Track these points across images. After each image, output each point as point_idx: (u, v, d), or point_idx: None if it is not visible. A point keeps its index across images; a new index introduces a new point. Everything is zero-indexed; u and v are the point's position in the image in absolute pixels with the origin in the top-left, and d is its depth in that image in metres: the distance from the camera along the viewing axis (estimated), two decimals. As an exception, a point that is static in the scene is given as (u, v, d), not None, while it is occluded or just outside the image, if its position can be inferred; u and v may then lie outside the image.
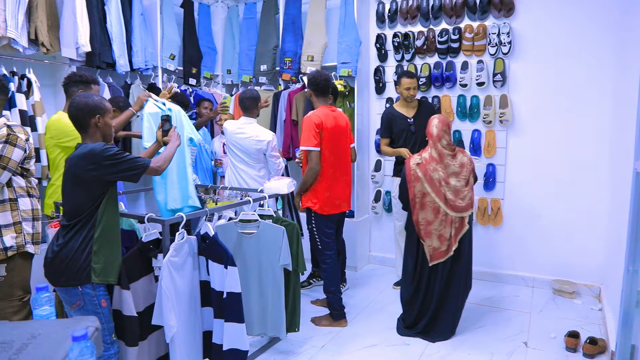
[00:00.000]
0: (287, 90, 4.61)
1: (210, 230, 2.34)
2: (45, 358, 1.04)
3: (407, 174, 3.02)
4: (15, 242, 2.30)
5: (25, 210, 2.35)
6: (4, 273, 2.27)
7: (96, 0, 3.75)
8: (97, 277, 2.03)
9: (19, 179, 2.35)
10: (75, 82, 2.77)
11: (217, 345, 2.39)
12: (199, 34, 4.85)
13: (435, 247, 3.01)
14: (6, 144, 2.20)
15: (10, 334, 1.14)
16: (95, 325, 1.20)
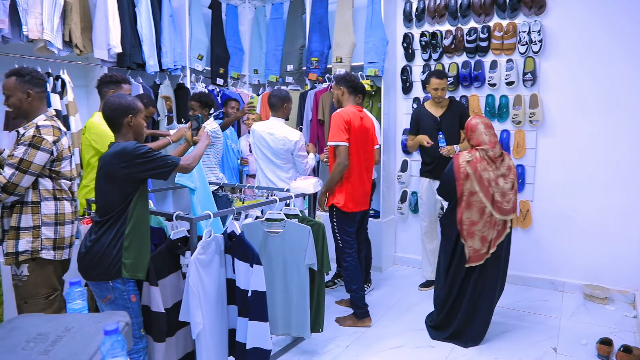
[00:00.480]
0: (314, 90, 4.62)
1: (236, 229, 2.36)
2: (78, 350, 1.07)
3: (456, 171, 2.90)
4: (30, 247, 2.25)
5: (47, 215, 2.29)
6: (26, 273, 2.25)
7: (127, 2, 3.84)
8: (127, 272, 2.08)
9: (47, 181, 2.29)
10: (106, 83, 2.82)
11: (241, 344, 2.40)
12: (226, 34, 4.91)
13: (476, 248, 2.91)
14: (29, 147, 2.15)
15: (45, 327, 1.17)
16: (125, 320, 1.22)
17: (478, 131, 2.95)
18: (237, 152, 4.44)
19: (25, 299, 2.28)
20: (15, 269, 2.26)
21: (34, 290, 2.27)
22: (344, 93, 3.32)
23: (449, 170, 2.96)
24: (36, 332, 1.15)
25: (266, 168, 3.49)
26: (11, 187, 2.12)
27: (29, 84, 2.27)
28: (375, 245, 4.20)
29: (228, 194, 3.31)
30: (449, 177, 2.95)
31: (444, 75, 3.73)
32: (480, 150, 2.92)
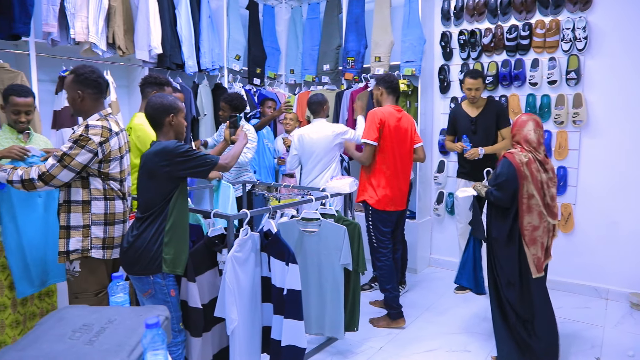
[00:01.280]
0: (350, 89, 4.61)
1: (272, 228, 2.38)
2: (120, 342, 1.10)
3: (518, 169, 2.60)
4: (80, 246, 2.27)
5: (97, 214, 2.28)
6: (78, 269, 2.30)
7: (167, 4, 3.93)
8: (167, 267, 2.12)
9: (97, 181, 2.28)
10: (150, 84, 2.87)
11: (276, 341, 2.42)
12: (263, 34, 4.96)
13: (539, 256, 2.65)
14: (74, 145, 2.16)
15: (90, 318, 1.21)
16: (165, 315, 1.25)
17: (527, 127, 2.69)
18: (274, 152, 4.47)
19: (76, 293, 2.34)
20: (68, 264, 2.32)
21: (84, 286, 2.33)
22: (383, 93, 3.35)
23: (508, 171, 2.62)
24: (81, 323, 1.18)
25: (312, 169, 3.54)
26: (48, 178, 2.14)
27: (81, 85, 2.29)
28: (411, 247, 4.16)
29: (264, 193, 3.34)
30: (511, 178, 2.61)
31: (478, 75, 3.66)
32: (530, 151, 2.67)
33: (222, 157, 2.26)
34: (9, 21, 3.02)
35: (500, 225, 2.72)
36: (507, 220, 2.68)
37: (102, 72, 2.38)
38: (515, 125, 2.77)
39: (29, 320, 2.71)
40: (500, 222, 2.72)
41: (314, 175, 3.54)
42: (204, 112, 4.26)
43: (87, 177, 2.26)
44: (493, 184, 2.70)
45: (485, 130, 3.71)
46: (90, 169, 2.24)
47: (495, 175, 2.69)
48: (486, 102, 3.76)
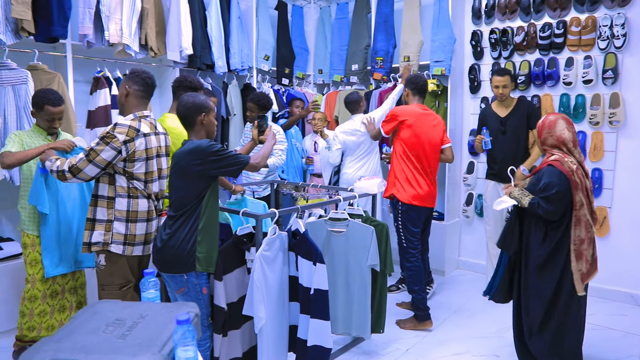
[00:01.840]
0: (379, 89, 4.58)
1: (300, 227, 2.38)
2: (152, 337, 1.12)
3: (571, 179, 2.34)
4: (102, 239, 2.33)
5: (120, 211, 2.34)
6: (103, 262, 2.37)
7: (198, 6, 4.00)
8: (201, 266, 2.15)
9: (122, 179, 2.33)
10: (185, 87, 2.89)
11: (302, 341, 2.42)
12: (292, 35, 4.98)
13: (584, 272, 2.43)
14: (100, 141, 2.23)
15: (123, 313, 1.24)
16: (195, 311, 1.27)
17: (559, 127, 2.46)
18: (302, 151, 4.49)
19: (103, 286, 2.42)
20: (96, 257, 2.40)
21: (109, 280, 2.40)
22: (409, 94, 3.41)
23: (559, 181, 2.34)
24: (115, 317, 1.21)
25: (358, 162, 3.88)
26: (75, 170, 2.22)
27: (131, 81, 2.38)
28: (439, 248, 4.11)
29: (292, 192, 3.36)
30: (563, 189, 2.34)
31: (505, 72, 3.58)
32: (570, 152, 2.46)
33: (253, 157, 2.28)
34: (48, 24, 3.13)
35: (541, 242, 2.43)
36: (556, 236, 2.41)
37: (154, 77, 2.48)
38: (543, 127, 2.51)
39: (57, 312, 2.82)
40: (543, 238, 2.43)
41: (357, 168, 3.85)
42: (234, 112, 4.30)
43: (113, 174, 2.32)
44: (542, 195, 2.37)
45: (515, 130, 3.63)
46: (116, 166, 2.30)
47: (544, 186, 2.36)
48: (516, 102, 3.68)
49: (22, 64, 3.13)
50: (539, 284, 2.46)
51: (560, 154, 2.44)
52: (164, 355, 1.07)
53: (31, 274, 2.72)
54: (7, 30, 2.99)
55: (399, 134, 3.30)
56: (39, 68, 3.20)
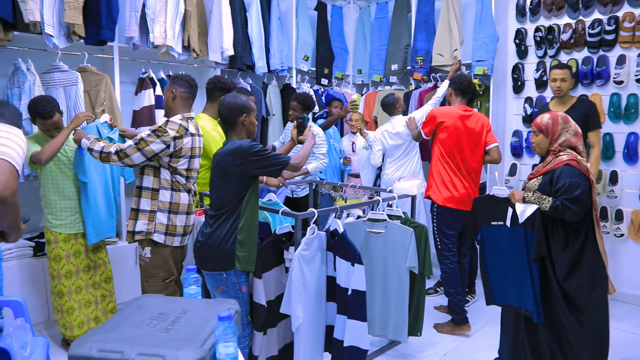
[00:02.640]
0: (419, 89, 4.52)
1: (339, 227, 2.38)
2: (194, 332, 1.14)
3: (589, 176, 2.24)
4: (145, 229, 2.43)
5: (163, 202, 2.44)
6: (149, 255, 2.47)
7: (239, 7, 4.06)
8: (240, 265, 2.18)
9: (166, 172, 2.43)
10: (219, 89, 2.96)
11: (338, 341, 2.42)
12: (331, 35, 4.99)
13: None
14: (152, 133, 2.34)
15: (166, 307, 1.27)
16: (236, 308, 1.28)
17: (572, 120, 2.31)
18: (339, 152, 4.48)
19: (147, 278, 2.53)
20: (140, 250, 2.51)
21: (153, 272, 2.50)
22: (452, 94, 3.32)
23: (583, 181, 2.20)
24: (158, 312, 1.24)
25: (398, 162, 3.89)
26: (122, 155, 2.33)
27: (176, 85, 2.50)
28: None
29: (331, 193, 3.36)
30: (587, 189, 2.20)
31: (564, 65, 3.42)
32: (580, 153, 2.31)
33: (293, 157, 2.29)
34: (97, 28, 3.25)
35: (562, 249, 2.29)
36: (577, 240, 2.28)
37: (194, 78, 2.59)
38: (555, 123, 2.31)
39: (84, 307, 2.93)
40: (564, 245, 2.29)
41: (396, 168, 3.88)
42: (273, 112, 4.35)
43: (158, 167, 2.43)
44: (566, 197, 2.19)
45: None
46: (161, 160, 2.41)
47: (564, 187, 2.20)
48: (576, 101, 3.48)
49: (72, 66, 3.27)
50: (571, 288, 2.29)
51: (572, 154, 2.27)
52: (206, 350, 1.08)
53: (56, 269, 2.84)
54: (60, 34, 3.12)
55: (437, 135, 3.25)
56: (88, 70, 3.33)
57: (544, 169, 2.35)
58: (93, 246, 2.95)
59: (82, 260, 2.90)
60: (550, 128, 2.32)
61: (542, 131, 2.35)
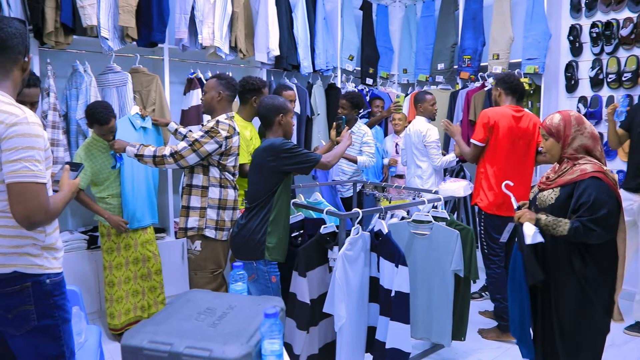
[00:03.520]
0: (465, 89, 4.42)
1: (383, 228, 2.36)
2: (240, 328, 1.16)
3: (617, 191, 1.93)
4: (197, 225, 2.55)
5: (213, 199, 2.56)
6: (199, 248, 2.60)
7: (285, 8, 4.10)
8: (270, 255, 2.28)
9: (215, 170, 2.55)
10: (249, 90, 2.97)
11: (380, 342, 2.40)
12: (376, 34, 4.96)
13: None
14: (205, 134, 2.46)
15: (213, 302, 1.30)
16: (281, 306, 1.30)
17: (586, 121, 2.03)
18: (383, 152, 4.45)
19: (195, 271, 2.64)
20: (190, 244, 2.62)
21: (203, 264, 2.61)
22: (501, 94, 3.17)
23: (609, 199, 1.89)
24: (206, 306, 1.27)
25: (411, 164, 3.75)
26: (178, 157, 2.44)
27: (222, 86, 2.60)
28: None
29: (375, 193, 3.34)
30: (616, 208, 1.91)
31: None
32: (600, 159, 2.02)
33: (324, 155, 2.39)
34: (148, 30, 3.36)
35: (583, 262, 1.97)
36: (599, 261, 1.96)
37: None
38: (568, 125, 2.01)
39: (131, 296, 3.05)
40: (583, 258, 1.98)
41: (408, 172, 3.85)
42: (318, 112, 4.36)
43: (207, 165, 2.54)
44: (590, 217, 1.86)
45: None
46: (212, 159, 2.52)
47: (590, 204, 1.87)
48: None
49: (125, 67, 3.40)
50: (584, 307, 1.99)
51: (596, 163, 1.95)
52: (252, 346, 1.10)
53: (108, 260, 2.98)
54: (114, 37, 3.26)
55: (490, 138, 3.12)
56: (139, 71, 3.46)
57: (561, 179, 2.00)
58: (143, 239, 3.05)
59: (132, 252, 3.01)
60: (562, 131, 2.00)
61: (553, 135, 2.03)
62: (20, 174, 1.40)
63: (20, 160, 1.40)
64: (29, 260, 1.52)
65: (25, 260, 1.51)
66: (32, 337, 1.54)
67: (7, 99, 1.48)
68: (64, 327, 1.63)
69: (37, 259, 1.54)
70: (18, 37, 1.50)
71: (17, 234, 1.50)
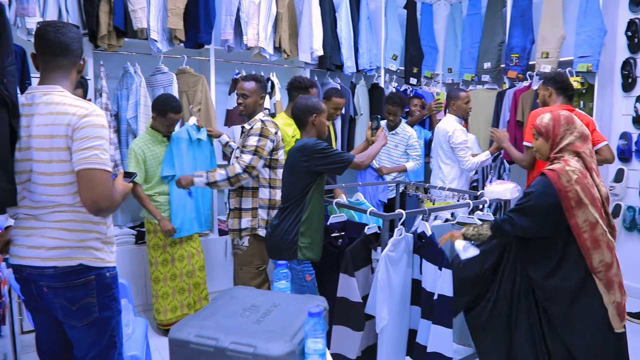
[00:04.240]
0: (513, 89, 4.29)
1: (427, 230, 2.33)
2: (284, 325, 1.17)
3: (562, 191, 1.88)
4: (250, 225, 2.65)
5: (263, 199, 2.66)
6: (247, 244, 2.68)
7: (329, 8, 4.10)
8: (302, 255, 2.30)
9: (265, 170, 2.64)
10: (296, 88, 3.04)
11: (421, 346, 2.35)
12: (420, 33, 4.89)
13: (618, 302, 1.97)
14: (260, 137, 2.55)
15: (258, 300, 1.31)
16: (324, 305, 1.29)
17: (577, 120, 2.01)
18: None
19: (242, 266, 2.73)
20: (237, 240, 2.71)
21: (249, 260, 2.70)
22: (552, 94, 3.05)
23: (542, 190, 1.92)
24: (250, 303, 1.29)
25: (436, 165, 3.65)
26: (250, 169, 2.52)
27: (263, 90, 2.72)
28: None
29: (418, 194, 3.29)
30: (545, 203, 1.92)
31: None
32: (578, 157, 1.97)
33: (358, 156, 2.37)
34: (195, 32, 3.45)
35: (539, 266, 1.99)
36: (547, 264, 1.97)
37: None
38: (557, 124, 2.00)
39: (177, 294, 3.10)
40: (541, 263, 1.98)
41: (433, 173, 3.72)
42: (360, 112, 4.34)
43: None
44: (514, 207, 1.97)
45: None
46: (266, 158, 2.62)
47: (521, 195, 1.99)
48: None
49: (173, 69, 3.50)
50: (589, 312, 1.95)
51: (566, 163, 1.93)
52: (295, 345, 1.10)
53: (154, 257, 3.06)
54: (163, 39, 3.36)
55: None
56: (187, 71, 3.55)
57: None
58: (187, 237, 3.12)
59: (177, 250, 3.08)
60: (551, 130, 2.00)
61: (542, 134, 2.03)
62: (91, 161, 1.49)
63: (91, 148, 1.49)
64: (92, 254, 1.60)
65: (89, 253, 1.59)
66: (91, 327, 1.62)
67: (72, 96, 1.58)
68: (118, 318, 1.70)
69: (100, 252, 1.62)
70: (77, 42, 1.62)
71: (82, 228, 1.58)
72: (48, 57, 1.57)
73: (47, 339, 1.70)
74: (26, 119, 1.54)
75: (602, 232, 1.92)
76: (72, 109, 1.52)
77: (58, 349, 1.71)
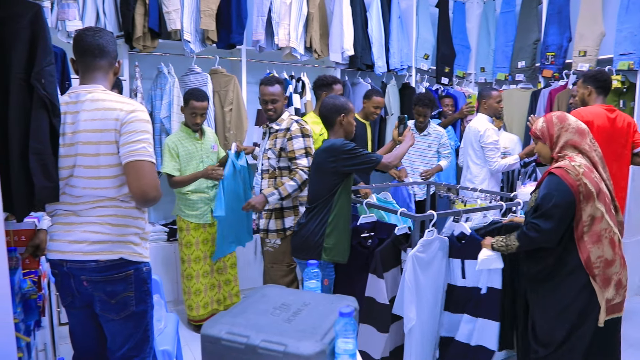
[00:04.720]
0: (548, 88, 4.17)
1: (465, 229, 2.29)
2: (315, 325, 1.17)
3: (573, 186, 1.87)
4: (293, 223, 2.65)
5: (302, 196, 2.68)
6: (279, 242, 2.69)
7: (360, 8, 4.09)
8: (327, 256, 2.29)
9: None
10: (320, 86, 3.07)
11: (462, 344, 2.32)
12: (453, 32, 4.81)
13: (609, 298, 1.95)
14: (304, 137, 2.58)
15: (288, 298, 1.31)
16: (355, 305, 1.29)
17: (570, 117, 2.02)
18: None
19: (273, 263, 2.74)
20: (270, 238, 2.72)
21: (281, 258, 2.70)
22: (592, 93, 2.94)
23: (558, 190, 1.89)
24: (281, 302, 1.29)
25: (465, 163, 3.63)
26: (308, 170, 2.54)
27: (284, 90, 2.74)
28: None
29: (450, 195, 3.24)
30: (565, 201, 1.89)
31: None
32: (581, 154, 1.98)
33: (386, 156, 2.34)
34: (227, 33, 3.50)
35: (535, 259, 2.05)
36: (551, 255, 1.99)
37: None
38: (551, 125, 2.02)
39: (209, 290, 3.15)
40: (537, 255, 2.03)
41: (463, 173, 3.69)
42: (391, 112, 4.31)
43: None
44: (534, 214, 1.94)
45: None
46: None
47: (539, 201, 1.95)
48: None
49: (205, 69, 3.55)
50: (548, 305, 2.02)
51: (570, 160, 1.93)
52: (326, 344, 1.10)
53: (187, 254, 3.08)
54: (196, 40, 3.41)
55: None
56: (218, 72, 3.60)
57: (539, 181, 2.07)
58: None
59: (210, 247, 3.12)
60: (547, 132, 2.03)
61: (539, 137, 2.06)
62: (140, 153, 1.56)
63: (140, 141, 1.57)
64: (131, 249, 1.65)
65: (129, 248, 1.64)
66: (127, 321, 1.67)
67: (115, 93, 1.66)
68: (151, 313, 1.74)
69: (138, 247, 1.67)
70: (112, 44, 1.70)
71: (124, 223, 1.63)
72: (87, 59, 1.64)
73: (81, 334, 1.76)
74: (71, 116, 1.60)
75: (607, 228, 1.92)
76: (118, 105, 1.59)
77: (92, 343, 1.76)
